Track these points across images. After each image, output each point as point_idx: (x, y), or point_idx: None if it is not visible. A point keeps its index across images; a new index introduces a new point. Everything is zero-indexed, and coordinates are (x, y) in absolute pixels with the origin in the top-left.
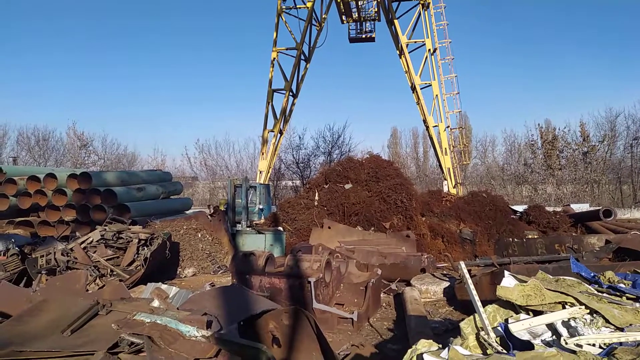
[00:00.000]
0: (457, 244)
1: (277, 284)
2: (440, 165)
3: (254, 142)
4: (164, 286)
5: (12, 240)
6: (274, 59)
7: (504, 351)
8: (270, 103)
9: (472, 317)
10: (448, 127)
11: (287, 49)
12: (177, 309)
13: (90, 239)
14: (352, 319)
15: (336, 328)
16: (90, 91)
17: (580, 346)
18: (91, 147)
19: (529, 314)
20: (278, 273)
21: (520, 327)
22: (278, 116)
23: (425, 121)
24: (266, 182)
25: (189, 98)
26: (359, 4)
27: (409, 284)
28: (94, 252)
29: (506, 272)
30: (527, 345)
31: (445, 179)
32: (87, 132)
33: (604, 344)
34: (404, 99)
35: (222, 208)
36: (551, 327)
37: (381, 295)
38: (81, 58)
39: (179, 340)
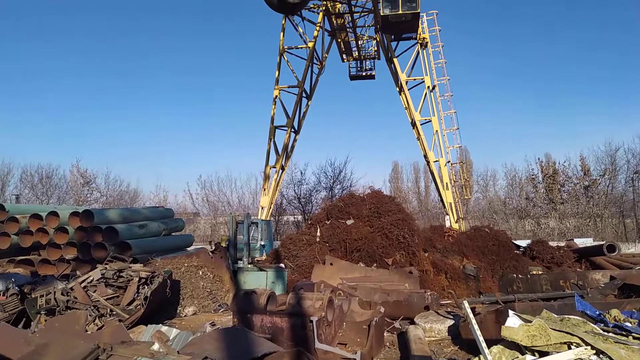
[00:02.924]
0: (460, 280)
1: (279, 324)
2: (442, 200)
3: (255, 178)
4: (164, 328)
5: (12, 280)
6: (276, 96)
7: None
8: (272, 139)
9: (477, 358)
10: (449, 162)
11: (289, 87)
12: (178, 352)
13: (91, 278)
14: (355, 359)
15: None
16: (93, 129)
17: None
18: (94, 184)
19: (534, 355)
20: (280, 312)
21: None
22: (280, 152)
23: (426, 156)
24: (268, 218)
25: (192, 135)
26: (359, 43)
27: (412, 322)
28: (94, 291)
29: (510, 312)
30: None
31: (447, 214)
32: (91, 169)
33: None
34: (404, 133)
35: (223, 244)
36: None
37: (384, 334)
38: (85, 99)
39: None
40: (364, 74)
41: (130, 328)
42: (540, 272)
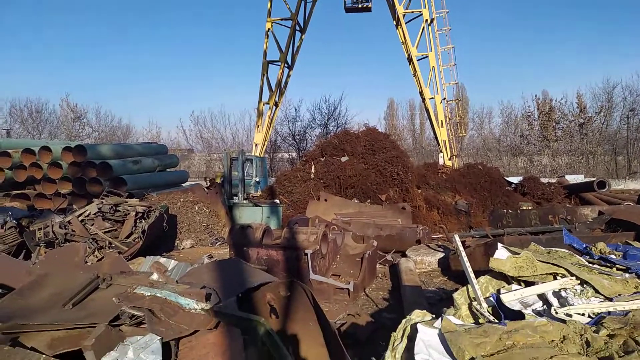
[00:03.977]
0: (452, 216)
1: (274, 256)
2: (436, 138)
3: (249, 115)
4: (162, 259)
5: (9, 213)
6: (269, 29)
7: (496, 321)
8: (265, 75)
9: (465, 287)
10: (444, 99)
11: (281, 19)
12: (176, 282)
13: (88, 212)
14: (348, 289)
15: (333, 298)
16: (81, 63)
17: (570, 316)
18: (85, 120)
19: (520, 285)
20: (275, 245)
21: (512, 297)
22: (273, 88)
23: (421, 93)
24: (262, 155)
25: (184, 70)
26: None
27: (404, 255)
28: (92, 224)
29: (499, 244)
30: (518, 315)
31: (441, 151)
32: (81, 104)
33: (593, 313)
34: (400, 70)
35: (218, 181)
36: (542, 297)
37: (377, 266)
38: (72, 34)
39: (179, 313)
40: (359, 5)
41: (130, 260)
42: (530, 208)
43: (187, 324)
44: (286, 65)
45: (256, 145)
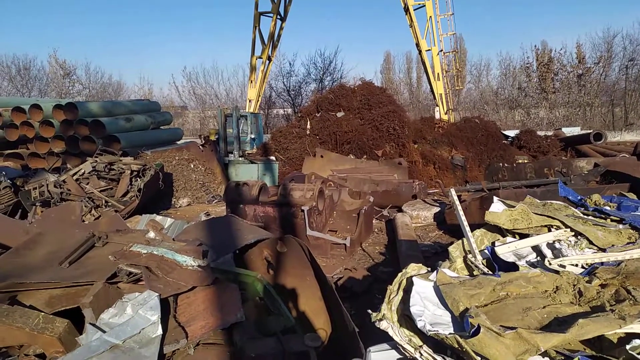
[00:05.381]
0: (448, 171)
1: (271, 213)
2: (432, 91)
3: (243, 69)
4: (158, 217)
5: (4, 172)
6: None
7: (490, 272)
8: (257, 27)
9: (460, 241)
10: (441, 50)
11: None
12: (173, 239)
13: (82, 171)
14: (345, 244)
15: (329, 253)
16: (68, 17)
17: (564, 267)
18: (75, 76)
19: (515, 237)
20: (272, 202)
21: (506, 249)
22: (266, 41)
23: (418, 45)
24: (256, 111)
25: (173, 23)
26: None
27: (400, 210)
28: (87, 183)
29: (495, 198)
30: (512, 267)
31: (438, 105)
32: (70, 60)
33: (587, 264)
34: (397, 22)
35: (213, 138)
36: (536, 249)
37: (373, 221)
38: None
39: (177, 269)
40: None
41: (126, 218)
42: (526, 161)
43: (184, 281)
44: (279, 16)
45: (250, 101)
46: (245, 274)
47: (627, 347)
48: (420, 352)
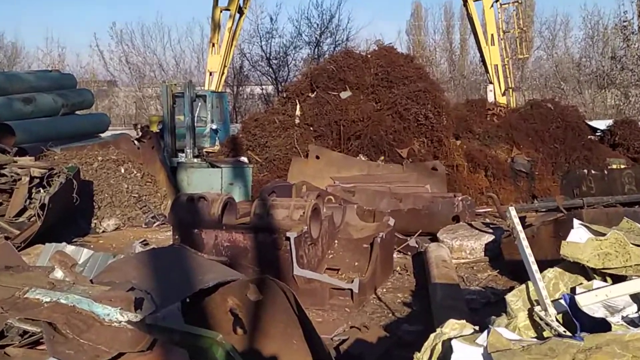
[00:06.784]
0: (507, 180)
1: (241, 242)
2: (483, 61)
3: (201, 27)
4: (69, 248)
5: None
6: None
7: (568, 333)
8: None
9: (523, 285)
10: (497, 1)
11: None
12: (91, 281)
13: None
14: (351, 289)
15: (328, 303)
16: None
17: None
18: None
19: (606, 280)
20: (242, 225)
21: (593, 299)
22: None
23: None
24: (221, 89)
25: None
26: None
27: (434, 239)
28: None
29: (576, 222)
30: (602, 325)
31: (492, 82)
32: None
33: None
34: None
35: (155, 129)
36: (637, 298)
37: (394, 255)
38: None
39: (94, 326)
40: None
41: (23, 248)
42: (622, 167)
43: (106, 344)
44: None
45: (211, 74)
46: (200, 334)
47: None
48: None
